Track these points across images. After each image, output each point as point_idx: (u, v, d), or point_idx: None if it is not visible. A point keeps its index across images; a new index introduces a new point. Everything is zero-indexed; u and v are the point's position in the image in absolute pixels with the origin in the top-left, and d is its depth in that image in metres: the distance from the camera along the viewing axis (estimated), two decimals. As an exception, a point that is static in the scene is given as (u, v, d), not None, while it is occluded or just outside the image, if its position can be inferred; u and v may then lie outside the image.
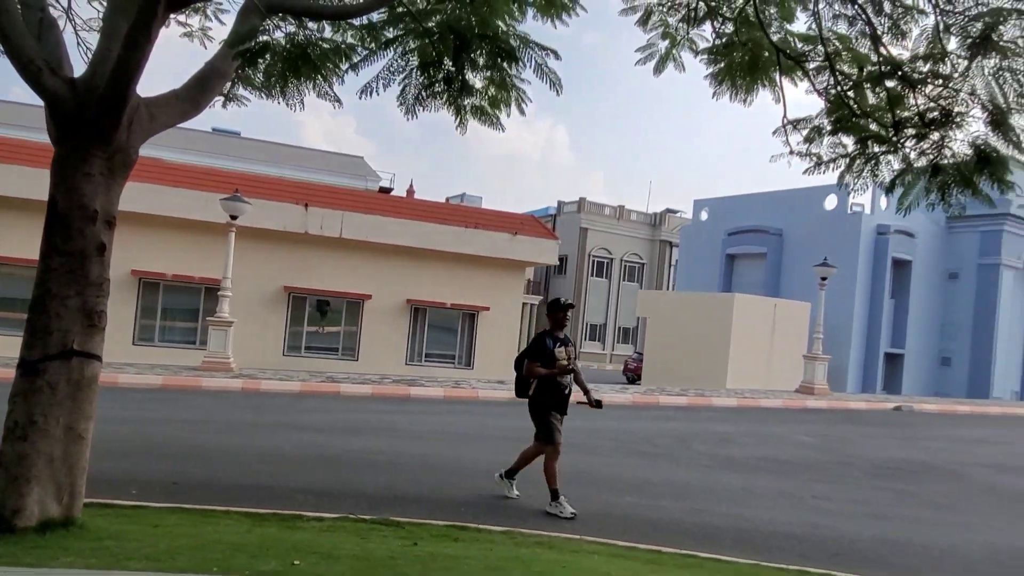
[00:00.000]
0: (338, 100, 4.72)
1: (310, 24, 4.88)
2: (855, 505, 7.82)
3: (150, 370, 14.86)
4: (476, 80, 4.83)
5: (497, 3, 4.51)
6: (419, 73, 4.57)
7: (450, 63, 4.32)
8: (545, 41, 4.57)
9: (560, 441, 6.69)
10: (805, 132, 5.61)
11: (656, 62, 6.96)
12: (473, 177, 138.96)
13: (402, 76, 4.64)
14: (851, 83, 4.82)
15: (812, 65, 5.41)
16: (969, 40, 3.97)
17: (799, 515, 7.21)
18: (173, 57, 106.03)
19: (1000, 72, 4.14)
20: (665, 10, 6.67)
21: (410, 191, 41.37)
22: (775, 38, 5.86)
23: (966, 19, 4.09)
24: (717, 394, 18.73)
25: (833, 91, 5.11)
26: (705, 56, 6.52)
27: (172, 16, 5.30)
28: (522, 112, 5.19)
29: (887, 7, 4.51)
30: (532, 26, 5.39)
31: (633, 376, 30.89)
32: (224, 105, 6.17)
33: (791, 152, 5.78)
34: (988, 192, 4.61)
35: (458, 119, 4.68)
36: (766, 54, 5.76)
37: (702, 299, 26.79)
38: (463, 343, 21.72)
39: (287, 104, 4.80)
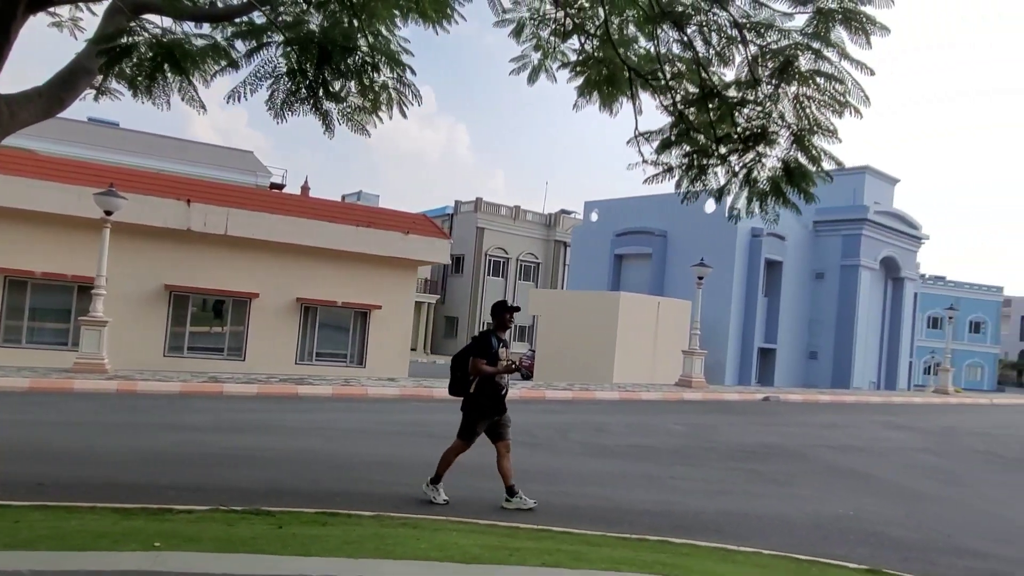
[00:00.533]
0: (203, 106, 4.85)
1: (186, 26, 4.99)
2: (707, 484, 8.58)
3: (16, 373, 14.09)
4: (340, 86, 5.09)
5: (378, 10, 4.78)
6: (286, 80, 4.80)
7: (312, 72, 4.57)
8: (442, 42, 4.90)
9: (472, 443, 6.95)
10: (656, 144, 6.20)
11: (529, 72, 7.41)
12: (372, 174, 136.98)
13: (270, 82, 4.85)
14: (685, 102, 5.40)
15: (665, 82, 5.99)
16: (770, 70, 4.59)
17: (656, 494, 7.85)
18: (40, 47, 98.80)
19: (799, 98, 4.80)
20: (536, 24, 7.13)
21: (305, 187, 40.54)
22: (636, 57, 6.43)
23: (770, 52, 4.72)
24: (601, 388, 19.59)
25: (673, 108, 5.69)
26: (568, 70, 7.04)
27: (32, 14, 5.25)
28: (404, 115, 5.46)
29: (713, 38, 5.10)
30: (413, 31, 5.69)
31: (527, 372, 31.64)
32: (96, 98, 6.11)
33: (644, 161, 6.36)
34: (795, 202, 5.29)
35: (324, 125, 4.92)
36: (626, 72, 6.31)
37: (590, 297, 27.81)
38: (355, 342, 21.67)
39: (154, 104, 4.89)
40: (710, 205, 31.29)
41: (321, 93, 4.79)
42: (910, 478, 9.69)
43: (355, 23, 4.91)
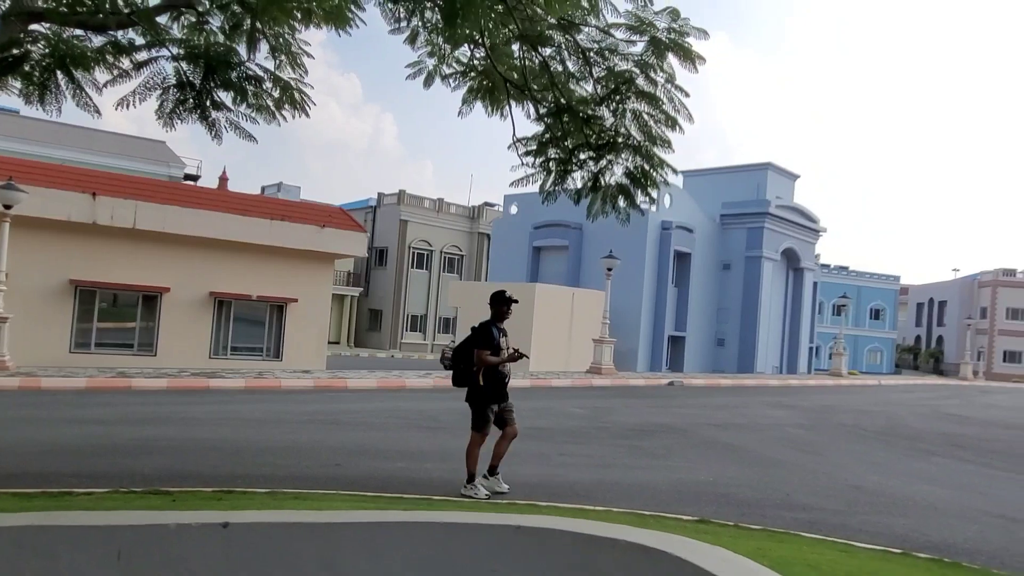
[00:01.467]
0: (98, 111, 5.20)
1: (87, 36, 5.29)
2: (591, 459, 9.36)
3: (-92, 371, 13.74)
4: (230, 97, 5.51)
5: (280, 14, 5.20)
6: (175, 90, 5.20)
7: (199, 83, 5.00)
8: (368, 32, 5.34)
9: (488, 430, 7.05)
10: (532, 148, 6.84)
11: (424, 77, 7.93)
12: (296, 164, 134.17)
13: (159, 92, 5.24)
14: (548, 114, 6.06)
15: (531, 95, 6.63)
16: (610, 89, 5.30)
17: (541, 469, 8.57)
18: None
19: (638, 114, 5.53)
20: (429, 32, 7.66)
21: (223, 178, 39.76)
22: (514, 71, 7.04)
23: (612, 74, 5.43)
24: (513, 376, 20.29)
25: (539, 119, 6.35)
26: (453, 79, 7.61)
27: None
28: (307, 114, 5.86)
29: (569, 59, 5.77)
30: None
31: (450, 364, 32.17)
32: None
33: (522, 164, 7.00)
34: (640, 204, 6.03)
35: (211, 133, 5.34)
36: (505, 83, 6.92)
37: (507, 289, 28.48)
38: (271, 335, 21.71)
39: (45, 111, 5.20)
40: (622, 199, 32.49)
41: (208, 103, 5.20)
42: (775, 449, 10.75)
43: (257, 25, 5.34)
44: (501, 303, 7.16)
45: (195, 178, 39.64)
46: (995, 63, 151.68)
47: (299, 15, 5.43)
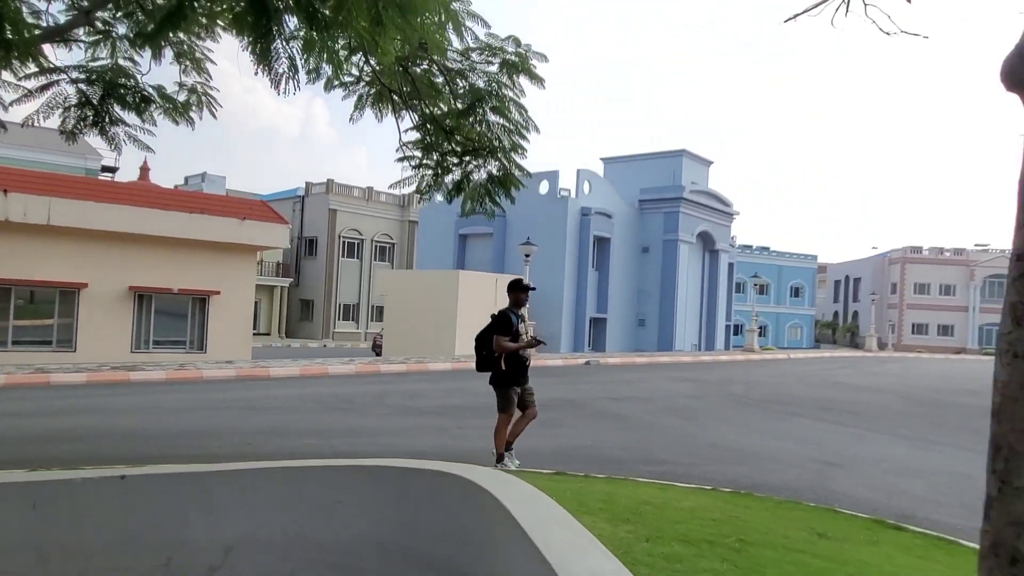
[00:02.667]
0: (3, 126, 5.75)
1: None
2: (487, 430, 10.23)
3: None
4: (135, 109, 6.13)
5: (191, 24, 5.78)
6: (75, 109, 5.81)
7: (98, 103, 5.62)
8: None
9: (513, 411, 7.36)
10: (411, 153, 7.64)
11: (324, 82, 8.62)
12: (223, 151, 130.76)
13: (62, 110, 5.84)
14: (422, 124, 6.87)
15: (406, 104, 7.41)
16: (467, 105, 6.14)
17: (439, 440, 9.43)
18: None
19: (493, 125, 6.40)
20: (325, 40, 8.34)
21: (144, 169, 38.99)
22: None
23: (471, 90, 6.27)
24: (435, 360, 21.16)
25: (415, 127, 7.15)
26: (347, 87, 8.33)
27: None
28: (213, 115, 6.49)
29: (436, 77, 6.58)
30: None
31: (380, 350, 32.77)
32: None
33: (408, 164, 7.78)
34: (502, 201, 6.92)
35: (111, 145, 5.96)
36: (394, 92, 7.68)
37: (433, 276, 29.29)
38: (194, 327, 21.92)
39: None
40: (544, 186, 33.58)
41: (107, 120, 5.83)
42: (658, 417, 11.91)
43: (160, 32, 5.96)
44: (518, 290, 7.42)
45: (113, 170, 38.80)
46: (919, 48, 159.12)
47: (204, 20, 6.09)
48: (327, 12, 3.94)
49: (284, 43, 4.24)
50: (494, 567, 2.99)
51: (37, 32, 5.56)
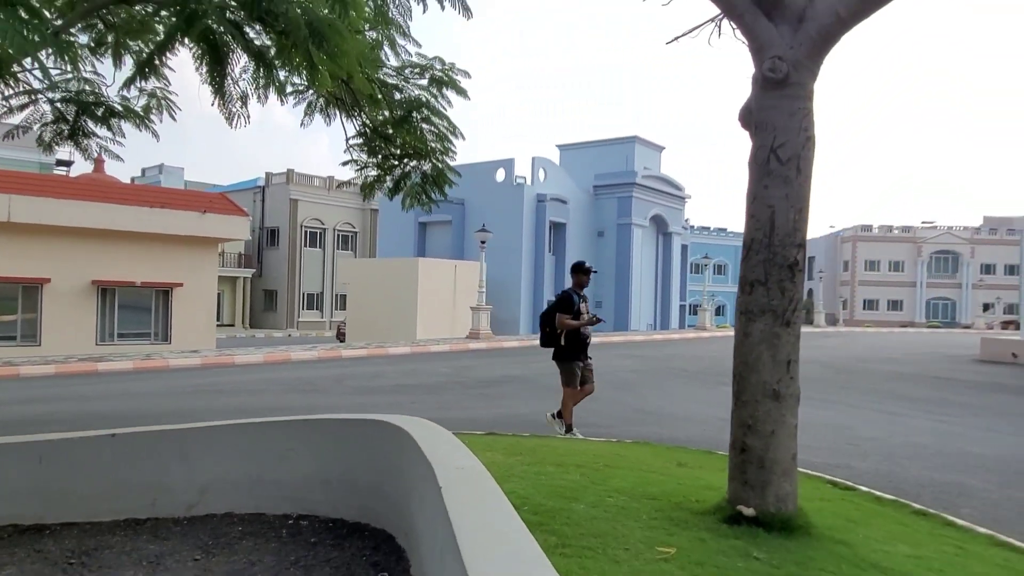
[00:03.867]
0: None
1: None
2: (438, 404, 11.25)
3: None
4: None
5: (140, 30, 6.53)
6: (52, 124, 6.58)
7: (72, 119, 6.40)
8: None
9: (578, 385, 7.91)
10: (356, 156, 8.50)
11: (276, 89, 9.40)
12: (179, 142, 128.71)
13: (39, 125, 6.60)
14: (363, 130, 7.74)
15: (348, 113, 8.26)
16: (399, 116, 7.04)
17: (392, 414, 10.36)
18: None
19: (424, 132, 7.31)
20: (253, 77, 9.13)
21: (99, 161, 38.87)
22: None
23: (405, 102, 7.16)
24: (395, 344, 22.03)
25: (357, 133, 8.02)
26: (296, 95, 9.13)
27: None
28: (173, 118, 7.25)
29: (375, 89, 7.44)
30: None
31: (344, 338, 33.50)
32: None
33: (356, 165, 8.64)
34: (437, 198, 7.83)
35: (85, 155, 6.73)
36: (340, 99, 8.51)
37: (393, 264, 30.07)
38: (159, 319, 22.45)
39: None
40: (500, 174, 34.47)
41: (80, 134, 6.61)
42: (597, 389, 12.96)
43: (120, 40, 6.72)
44: (579, 272, 7.83)
45: (68, 164, 38.62)
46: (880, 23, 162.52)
47: (160, 28, 6.86)
48: (272, 55, 4.81)
49: (235, 84, 5.08)
50: (405, 483, 3.96)
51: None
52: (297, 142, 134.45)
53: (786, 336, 3.35)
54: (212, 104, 5.13)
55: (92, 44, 6.58)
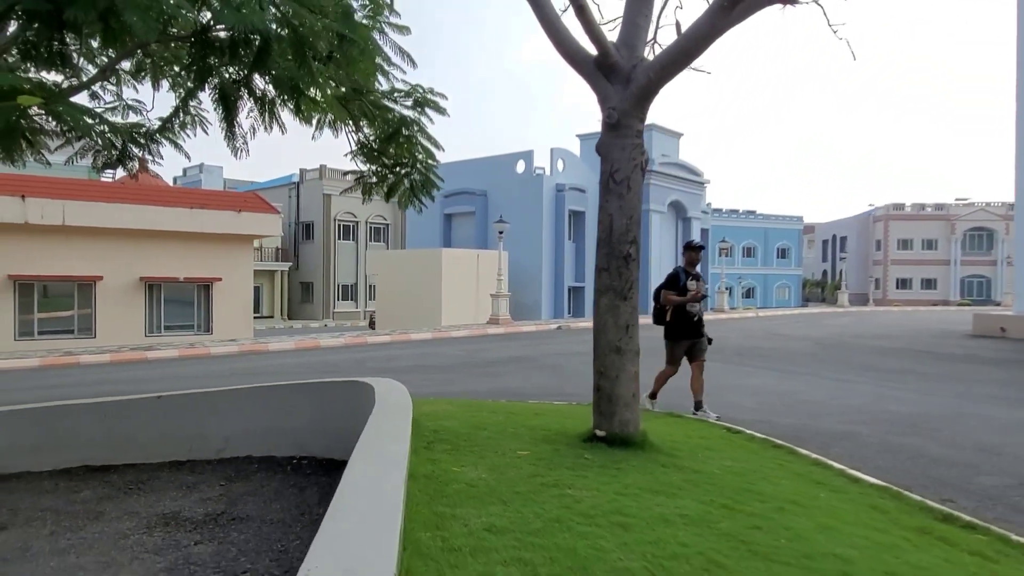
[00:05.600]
0: (48, 163, 7.95)
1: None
2: (443, 380, 12.60)
3: None
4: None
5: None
6: (104, 151, 8.04)
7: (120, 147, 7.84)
8: None
9: (678, 365, 8.02)
10: (356, 167, 9.82)
11: (293, 105, 10.77)
12: (218, 142, 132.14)
13: (93, 152, 8.06)
14: (360, 144, 9.05)
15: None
16: (389, 133, 8.33)
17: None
18: None
19: (412, 146, 8.60)
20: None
21: (142, 162, 41.08)
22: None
23: (395, 120, 8.46)
24: (418, 331, 23.48)
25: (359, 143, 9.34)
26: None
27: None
28: (206, 131, 8.71)
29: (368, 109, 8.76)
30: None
31: (375, 326, 35.19)
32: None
33: (361, 172, 9.98)
34: (425, 200, 9.12)
35: (131, 174, 8.17)
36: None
37: (418, 255, 31.52)
38: (200, 311, 24.28)
39: (12, 164, 7.93)
40: (520, 166, 35.63)
41: (127, 158, 8.06)
42: (590, 367, 14.18)
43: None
44: (689, 250, 7.93)
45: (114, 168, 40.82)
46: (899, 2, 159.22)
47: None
48: (270, 98, 6.15)
49: (239, 125, 6.43)
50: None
51: (66, 86, 7.78)
52: (330, 139, 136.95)
53: (624, 307, 4.56)
54: (225, 144, 6.48)
55: (133, 70, 8.02)
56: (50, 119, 5.27)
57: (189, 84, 6.10)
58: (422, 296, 29.60)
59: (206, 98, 7.00)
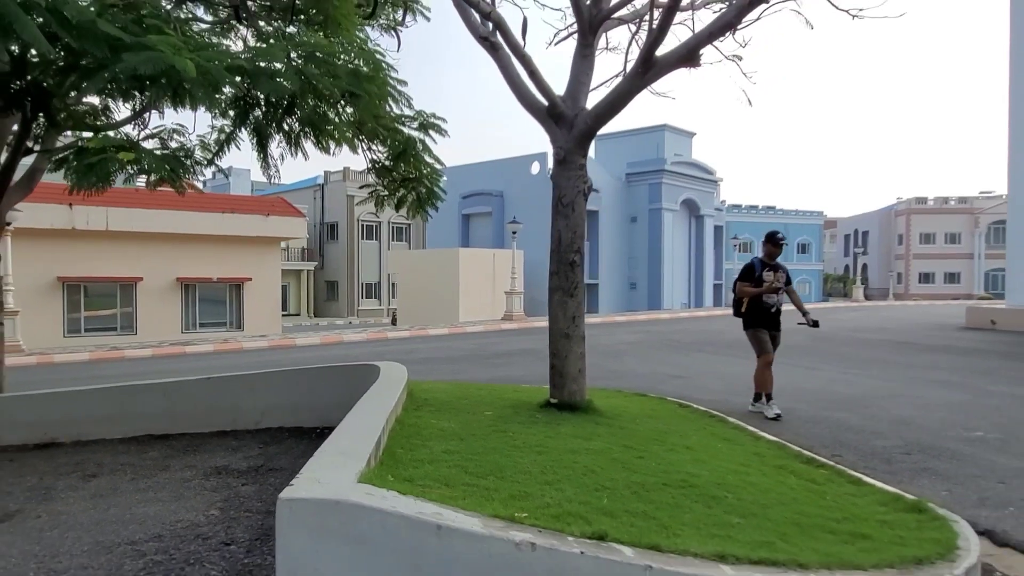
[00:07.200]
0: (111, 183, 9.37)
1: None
2: (451, 370, 13.91)
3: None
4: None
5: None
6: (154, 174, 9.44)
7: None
8: None
9: (769, 351, 7.72)
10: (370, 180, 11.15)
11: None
12: (247, 147, 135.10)
13: (144, 176, 9.47)
14: (373, 163, 10.38)
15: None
16: (390, 153, 9.64)
17: (413, 377, 13.07)
18: None
19: (419, 163, 9.90)
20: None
21: (188, 182, 42.98)
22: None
23: (401, 141, 9.76)
24: (436, 327, 24.85)
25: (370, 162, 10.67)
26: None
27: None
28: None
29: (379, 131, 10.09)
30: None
31: (397, 322, 36.72)
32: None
33: (374, 185, 11.31)
34: (430, 210, 10.43)
35: (177, 190, 9.58)
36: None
37: (436, 255, 32.93)
38: (232, 310, 25.90)
39: (90, 189, 9.36)
40: (535, 167, 36.89)
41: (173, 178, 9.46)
42: (590, 358, 15.34)
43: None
44: (768, 242, 7.81)
45: (149, 173, 42.74)
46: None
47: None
48: (295, 134, 7.49)
49: (271, 155, 7.79)
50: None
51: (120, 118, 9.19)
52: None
53: (571, 303, 5.80)
54: (261, 172, 7.83)
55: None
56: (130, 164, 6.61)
57: (230, 127, 7.42)
58: (441, 294, 31.00)
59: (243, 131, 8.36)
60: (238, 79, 5.49)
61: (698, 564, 2.45)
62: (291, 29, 8.79)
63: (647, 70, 5.11)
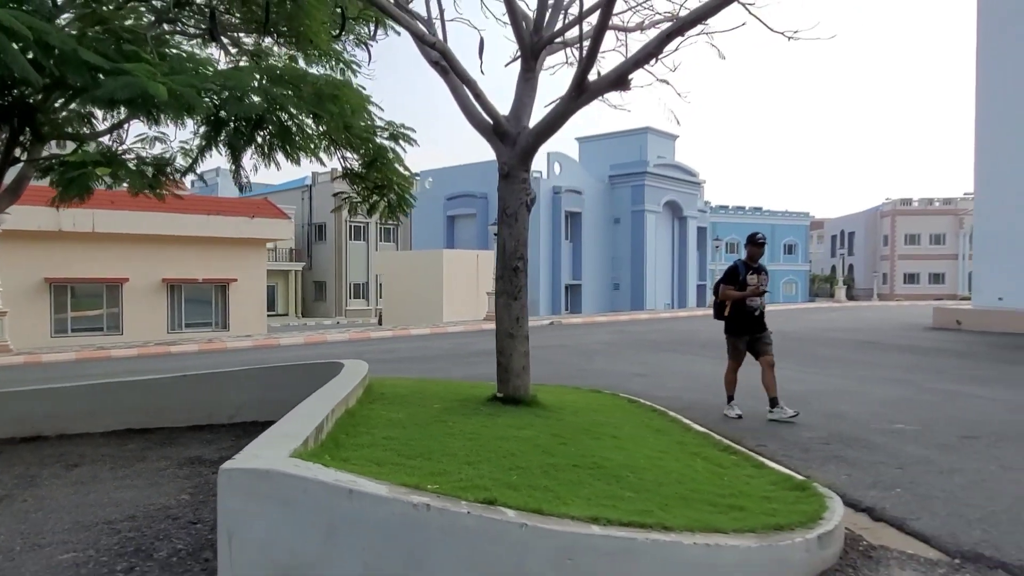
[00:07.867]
0: (109, 186, 9.82)
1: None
2: (426, 368, 14.39)
3: (-64, 357, 18.03)
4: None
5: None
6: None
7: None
8: None
9: (739, 360, 7.82)
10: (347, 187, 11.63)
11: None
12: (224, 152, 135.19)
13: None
14: (346, 170, 10.86)
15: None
16: (362, 161, 10.13)
17: (388, 373, 13.55)
18: None
19: (390, 171, 10.40)
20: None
21: (168, 187, 43.23)
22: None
23: (373, 149, 10.25)
24: (418, 326, 25.33)
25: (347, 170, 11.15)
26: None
27: None
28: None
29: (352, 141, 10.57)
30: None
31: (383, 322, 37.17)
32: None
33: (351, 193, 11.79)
34: (399, 213, 10.92)
35: (160, 198, 10.04)
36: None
37: (421, 256, 33.41)
38: (218, 310, 26.31)
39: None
40: (519, 169, 37.39)
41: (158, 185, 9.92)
42: (564, 356, 15.93)
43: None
44: (749, 244, 7.74)
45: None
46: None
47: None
48: (267, 146, 7.97)
49: (243, 167, 8.27)
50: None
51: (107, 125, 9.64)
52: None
53: (514, 305, 6.31)
54: (233, 182, 8.31)
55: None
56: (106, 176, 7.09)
57: (203, 141, 7.90)
58: (426, 294, 31.48)
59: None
60: (207, 102, 5.97)
61: (571, 524, 2.95)
62: (267, 41, 9.27)
63: (580, 94, 5.63)
